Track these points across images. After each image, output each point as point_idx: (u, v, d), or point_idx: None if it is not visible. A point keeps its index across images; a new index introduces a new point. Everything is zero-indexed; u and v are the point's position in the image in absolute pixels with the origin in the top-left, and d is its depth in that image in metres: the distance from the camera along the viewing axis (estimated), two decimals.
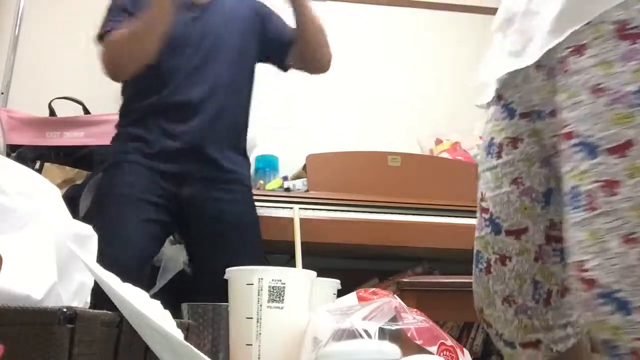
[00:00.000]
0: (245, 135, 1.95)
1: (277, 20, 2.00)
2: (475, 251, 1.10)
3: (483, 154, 1.09)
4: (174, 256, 1.98)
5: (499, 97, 1.08)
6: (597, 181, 0.83)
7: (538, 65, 0.96)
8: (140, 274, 1.65)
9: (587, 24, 0.85)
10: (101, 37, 1.79)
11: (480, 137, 1.26)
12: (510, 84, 1.05)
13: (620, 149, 0.82)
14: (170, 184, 1.76)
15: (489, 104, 1.13)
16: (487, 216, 1.07)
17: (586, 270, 0.83)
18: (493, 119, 1.09)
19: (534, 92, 1.00)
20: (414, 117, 2.85)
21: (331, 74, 2.17)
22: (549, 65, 0.94)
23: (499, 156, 1.05)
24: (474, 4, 2.95)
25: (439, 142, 2.73)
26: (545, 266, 1.03)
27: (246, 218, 1.84)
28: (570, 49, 0.88)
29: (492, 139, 1.07)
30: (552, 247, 1.03)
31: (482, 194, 1.09)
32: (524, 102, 1.02)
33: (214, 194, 1.79)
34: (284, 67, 2.02)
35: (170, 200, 1.76)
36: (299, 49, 1.94)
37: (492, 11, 1.15)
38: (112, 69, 1.78)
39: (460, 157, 2.60)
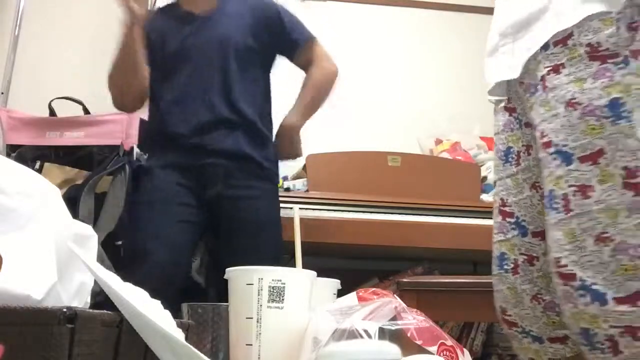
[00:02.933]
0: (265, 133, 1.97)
1: (289, 24, 1.99)
2: (498, 253, 1.15)
3: (500, 162, 1.17)
4: None
5: (512, 109, 1.16)
6: (571, 185, 0.93)
7: (521, 82, 1.07)
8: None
9: (563, 46, 0.97)
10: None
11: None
12: (517, 97, 1.13)
13: (592, 157, 0.92)
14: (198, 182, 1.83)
15: (497, 112, 1.20)
16: (512, 220, 1.13)
17: (565, 266, 0.93)
18: (508, 129, 1.16)
19: (524, 106, 1.09)
20: (414, 117, 2.85)
21: None
22: (527, 82, 1.05)
23: (517, 163, 1.13)
24: (473, 3, 2.95)
25: (439, 142, 2.73)
26: None
27: (269, 215, 1.90)
28: (549, 68, 0.99)
29: (510, 147, 1.15)
30: None
31: (502, 199, 1.15)
32: (525, 113, 1.10)
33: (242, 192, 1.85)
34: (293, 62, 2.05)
35: (199, 199, 1.82)
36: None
37: (492, 11, 1.16)
38: (115, 104, 1.94)
39: (460, 157, 2.60)
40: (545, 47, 1.00)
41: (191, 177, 1.83)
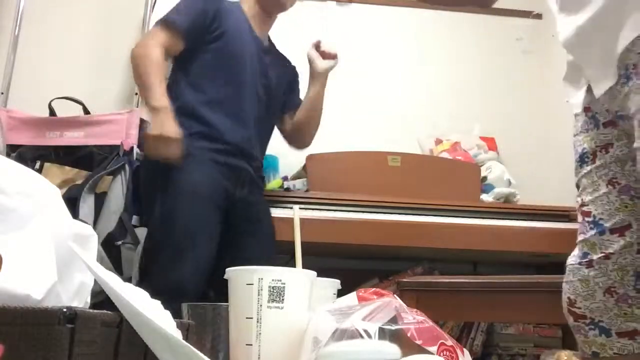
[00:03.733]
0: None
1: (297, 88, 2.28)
2: (581, 253, 1.13)
3: (577, 164, 1.16)
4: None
5: (585, 109, 1.15)
6: None
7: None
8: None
9: None
10: (163, 22, 1.95)
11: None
12: (593, 98, 1.12)
13: None
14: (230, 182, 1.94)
15: (577, 116, 1.20)
16: (590, 219, 1.12)
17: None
18: (582, 131, 1.16)
19: (609, 101, 1.08)
20: (414, 117, 2.85)
21: (331, 74, 2.17)
22: (623, 74, 1.02)
23: (593, 162, 1.13)
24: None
25: (439, 142, 2.73)
26: None
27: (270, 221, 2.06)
28: None
29: (584, 149, 1.14)
30: None
31: (582, 200, 1.15)
32: (604, 112, 1.10)
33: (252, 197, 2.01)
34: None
35: (227, 201, 1.93)
36: (296, 119, 2.20)
37: (492, 11, 1.17)
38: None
39: (460, 157, 2.60)
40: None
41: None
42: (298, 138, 2.24)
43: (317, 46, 2.13)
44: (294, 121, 2.21)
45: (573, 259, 1.15)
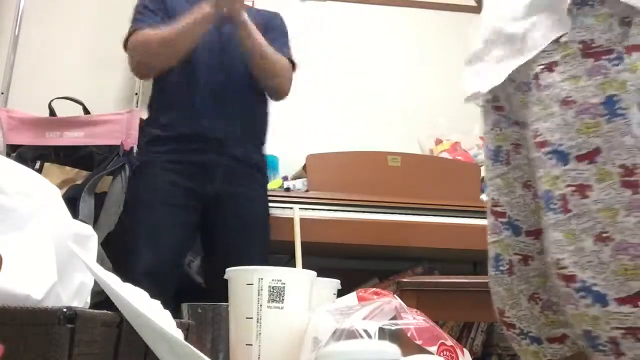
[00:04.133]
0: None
1: (276, 37, 2.02)
2: (493, 254, 1.13)
3: (489, 161, 1.15)
4: None
5: (500, 107, 1.14)
6: (569, 185, 0.92)
7: (512, 80, 1.04)
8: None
9: (556, 44, 0.95)
10: (129, 36, 1.88)
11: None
12: (505, 95, 1.11)
13: (590, 156, 0.90)
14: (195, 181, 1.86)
15: (486, 112, 1.19)
16: (504, 220, 1.12)
17: (565, 267, 0.91)
18: (497, 128, 1.15)
19: (515, 105, 1.08)
20: (414, 117, 2.85)
21: (331, 74, 2.18)
22: (519, 81, 1.03)
23: (507, 162, 1.12)
24: (474, 3, 2.95)
25: (439, 142, 2.73)
26: None
27: (262, 215, 1.96)
28: (542, 67, 0.97)
29: (499, 146, 1.13)
30: None
31: (494, 199, 1.14)
32: (514, 111, 1.09)
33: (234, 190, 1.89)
34: None
35: (197, 200, 1.86)
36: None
37: None
38: (140, 69, 1.89)
39: (460, 157, 2.60)
40: None
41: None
42: (263, 84, 1.97)
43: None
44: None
45: (491, 263, 1.14)
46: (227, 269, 0.78)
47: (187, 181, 1.84)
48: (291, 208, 2.02)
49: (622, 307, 0.87)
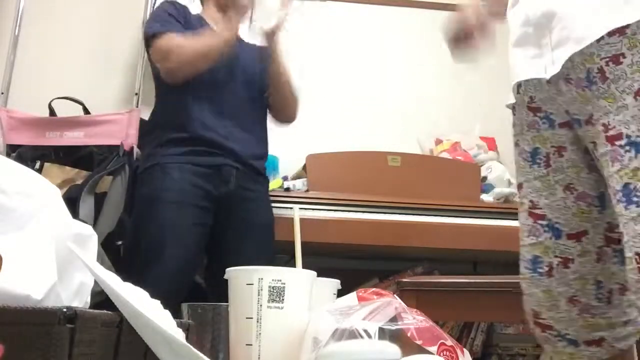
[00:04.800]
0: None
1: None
2: (531, 256, 1.12)
3: (525, 163, 1.14)
4: None
5: (536, 108, 1.12)
6: None
7: (567, 78, 1.02)
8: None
9: (621, 36, 0.93)
10: (153, 37, 1.92)
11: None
12: (547, 96, 1.09)
13: None
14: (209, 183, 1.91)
15: (517, 111, 1.17)
16: (544, 222, 1.11)
17: None
18: (533, 129, 1.13)
19: (569, 103, 1.05)
20: (414, 117, 2.84)
21: (331, 74, 2.18)
22: (577, 77, 1.00)
23: (547, 164, 1.10)
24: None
25: (439, 142, 2.73)
26: (606, 267, 1.08)
27: (269, 220, 2.02)
28: (607, 59, 0.95)
29: (537, 148, 1.12)
30: (612, 248, 1.08)
31: (532, 201, 1.12)
32: (561, 112, 1.07)
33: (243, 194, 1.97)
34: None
35: (211, 202, 1.91)
36: (269, 91, 2.09)
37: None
38: (174, 75, 1.92)
39: (460, 157, 2.60)
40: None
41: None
42: (277, 110, 2.12)
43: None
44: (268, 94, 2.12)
45: (525, 265, 1.13)
46: (227, 269, 0.78)
47: (205, 183, 1.89)
48: (291, 208, 2.02)
49: (589, 348, 0.87)
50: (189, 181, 1.87)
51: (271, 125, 2.13)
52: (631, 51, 0.93)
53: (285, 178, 2.48)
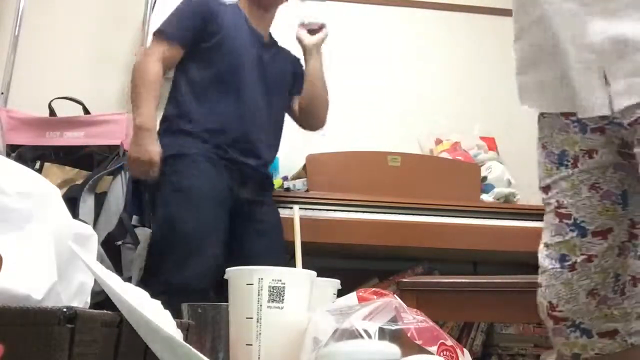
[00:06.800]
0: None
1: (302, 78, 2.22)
2: (558, 255, 1.14)
3: (552, 165, 1.16)
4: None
5: (568, 113, 1.14)
6: None
7: None
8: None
9: None
10: (156, 33, 1.97)
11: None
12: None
13: None
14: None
15: (546, 115, 1.19)
16: (569, 221, 1.13)
17: None
18: (563, 132, 1.15)
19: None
20: (414, 117, 2.85)
21: (331, 74, 2.17)
22: None
23: (574, 166, 1.13)
24: (474, 3, 2.95)
25: (439, 142, 2.73)
26: (624, 260, 1.12)
27: (279, 222, 2.01)
28: None
29: (565, 150, 1.14)
30: (632, 243, 1.11)
31: (558, 201, 1.15)
32: (595, 118, 1.09)
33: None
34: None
35: (231, 199, 1.93)
36: (302, 99, 2.17)
37: (491, 11, 1.17)
38: (134, 70, 1.93)
39: (460, 157, 2.60)
40: None
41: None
42: (308, 118, 2.21)
43: (303, 25, 2.15)
44: (301, 102, 2.19)
45: (550, 262, 1.15)
46: (227, 269, 0.78)
47: (228, 179, 1.91)
48: (291, 208, 2.02)
49: (602, 339, 0.88)
50: (219, 178, 1.89)
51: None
52: None
53: (285, 178, 2.48)
